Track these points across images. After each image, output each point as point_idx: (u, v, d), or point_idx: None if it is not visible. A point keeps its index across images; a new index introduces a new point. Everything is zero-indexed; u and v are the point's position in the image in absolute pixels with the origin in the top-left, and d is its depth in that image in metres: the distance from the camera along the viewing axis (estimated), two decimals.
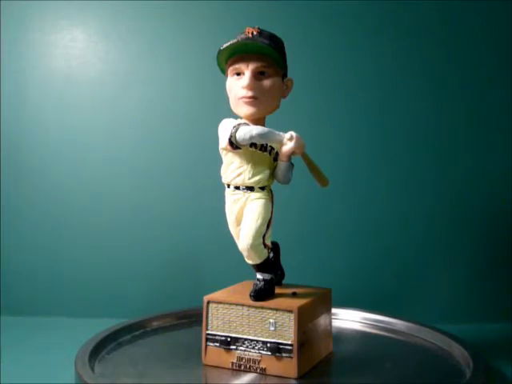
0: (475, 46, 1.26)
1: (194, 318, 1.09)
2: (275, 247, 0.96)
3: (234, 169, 0.87)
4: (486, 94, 1.27)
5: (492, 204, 1.26)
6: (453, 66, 1.27)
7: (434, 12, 1.27)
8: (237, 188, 0.87)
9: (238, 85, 0.87)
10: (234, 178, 0.87)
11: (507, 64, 1.25)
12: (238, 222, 0.88)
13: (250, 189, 0.87)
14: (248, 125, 0.86)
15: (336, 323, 1.07)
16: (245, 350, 0.87)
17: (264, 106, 0.87)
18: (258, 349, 0.86)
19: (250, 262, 0.88)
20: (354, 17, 1.29)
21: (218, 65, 0.90)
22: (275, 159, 0.88)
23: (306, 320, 0.86)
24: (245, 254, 0.87)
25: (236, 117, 0.89)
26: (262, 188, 0.87)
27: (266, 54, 0.86)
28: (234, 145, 0.84)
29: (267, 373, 0.85)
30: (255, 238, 0.85)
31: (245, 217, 0.87)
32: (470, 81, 1.27)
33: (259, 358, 0.86)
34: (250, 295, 0.87)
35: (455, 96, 1.27)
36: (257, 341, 0.86)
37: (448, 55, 1.27)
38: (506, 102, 1.25)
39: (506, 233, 1.25)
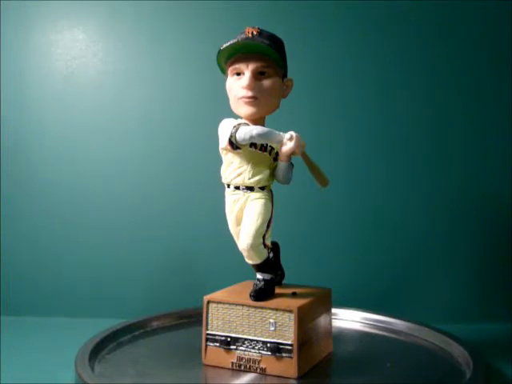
0: (475, 46, 1.26)
1: (194, 317, 1.09)
2: (275, 247, 0.96)
3: (234, 169, 0.87)
4: (486, 93, 1.26)
5: (492, 204, 1.26)
6: (453, 66, 1.27)
7: (433, 12, 1.27)
8: (237, 188, 0.87)
9: (238, 85, 0.87)
10: (234, 178, 0.87)
11: (507, 64, 1.25)
12: (238, 222, 0.88)
13: (250, 189, 0.87)
14: (248, 125, 0.86)
15: (336, 323, 1.07)
16: (245, 350, 0.87)
17: (264, 106, 0.87)
18: (258, 349, 0.86)
19: (250, 262, 0.88)
20: (353, 17, 1.29)
21: (218, 65, 0.90)
22: (275, 159, 0.88)
23: (306, 320, 0.86)
24: (245, 254, 0.87)
25: (236, 117, 0.89)
26: (262, 188, 0.87)
27: (266, 54, 0.86)
28: (234, 145, 0.84)
29: (267, 373, 0.85)
30: (255, 237, 0.85)
31: (245, 217, 0.87)
32: (469, 81, 1.27)
33: (259, 358, 0.86)
34: (250, 295, 0.87)
35: (455, 96, 1.27)
36: (257, 341, 0.86)
37: (448, 55, 1.27)
38: (506, 102, 1.25)
39: (505, 233, 1.24)
